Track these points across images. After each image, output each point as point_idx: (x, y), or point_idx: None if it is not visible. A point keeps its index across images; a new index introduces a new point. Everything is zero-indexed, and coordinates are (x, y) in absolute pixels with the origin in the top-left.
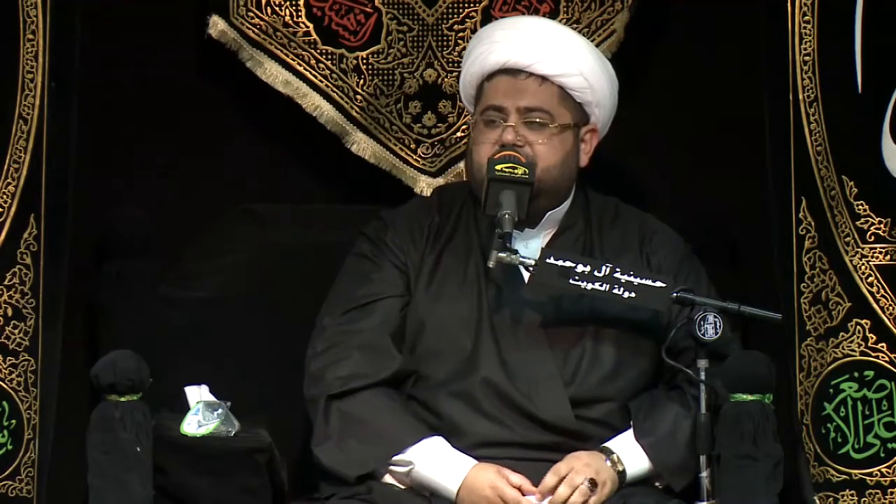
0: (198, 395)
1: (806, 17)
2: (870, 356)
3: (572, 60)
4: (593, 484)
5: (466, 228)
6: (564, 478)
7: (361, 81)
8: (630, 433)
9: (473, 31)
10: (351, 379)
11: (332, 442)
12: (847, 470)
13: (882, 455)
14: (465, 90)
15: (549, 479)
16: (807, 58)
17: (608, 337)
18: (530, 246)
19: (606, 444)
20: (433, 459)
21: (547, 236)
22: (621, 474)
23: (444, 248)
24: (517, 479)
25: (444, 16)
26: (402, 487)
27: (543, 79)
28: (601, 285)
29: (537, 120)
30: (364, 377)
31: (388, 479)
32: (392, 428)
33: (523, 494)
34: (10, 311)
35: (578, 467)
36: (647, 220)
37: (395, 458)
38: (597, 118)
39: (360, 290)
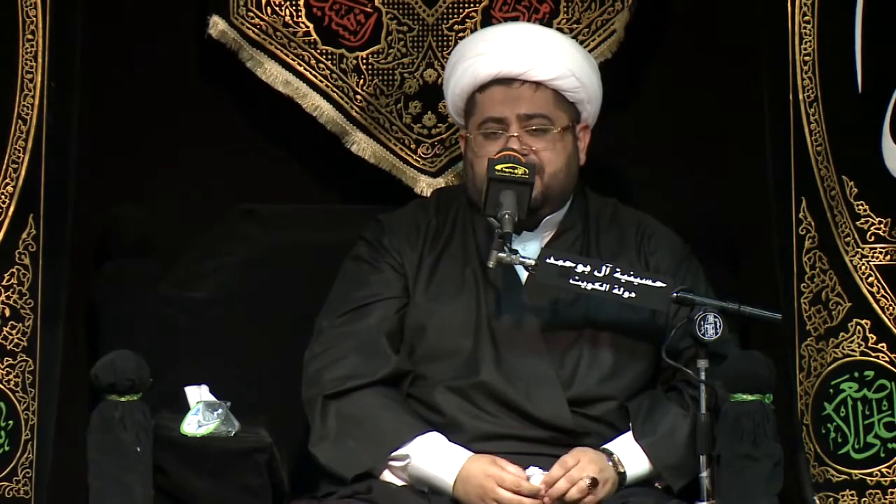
0: (198, 395)
1: (806, 17)
2: (870, 356)
3: (563, 63)
4: (594, 484)
5: (464, 232)
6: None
7: (361, 81)
8: (629, 434)
9: (473, 32)
10: (347, 379)
11: (330, 442)
12: (847, 470)
13: (882, 455)
14: (453, 103)
15: (556, 471)
16: (807, 58)
17: (606, 338)
18: (528, 249)
19: (607, 447)
20: (429, 453)
21: (545, 239)
22: (622, 476)
23: (443, 251)
24: (514, 468)
25: (444, 16)
26: (401, 484)
27: (538, 85)
28: (601, 285)
29: (539, 126)
30: (360, 377)
31: (386, 475)
32: (389, 426)
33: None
34: (7, 312)
35: (584, 463)
36: (646, 220)
37: (392, 453)
38: (588, 114)
39: (358, 292)
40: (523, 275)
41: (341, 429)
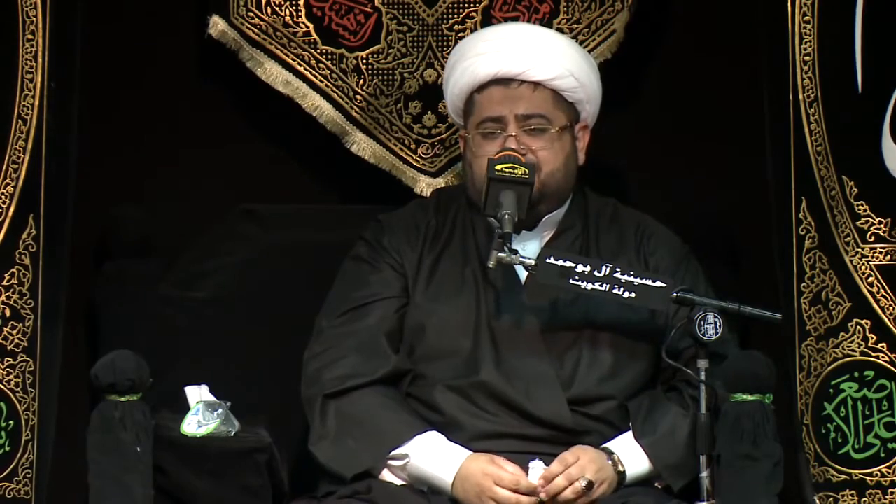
0: (198, 395)
1: (806, 17)
2: (870, 356)
3: (562, 63)
4: (590, 486)
5: (464, 232)
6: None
7: (361, 81)
8: (629, 434)
9: (474, 32)
10: (347, 378)
11: (329, 441)
12: (847, 470)
13: (882, 455)
14: (452, 103)
15: (555, 468)
16: (807, 58)
17: (605, 338)
18: (528, 248)
19: (607, 446)
20: (428, 452)
21: (545, 238)
22: (621, 475)
23: (442, 251)
24: (512, 467)
25: (444, 16)
26: (400, 483)
27: (536, 85)
28: (601, 285)
29: (536, 126)
30: (360, 376)
31: (385, 474)
32: (388, 425)
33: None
34: (7, 312)
35: (583, 462)
36: (645, 220)
37: (391, 452)
38: (587, 114)
39: (357, 291)
40: (523, 275)
41: (341, 428)
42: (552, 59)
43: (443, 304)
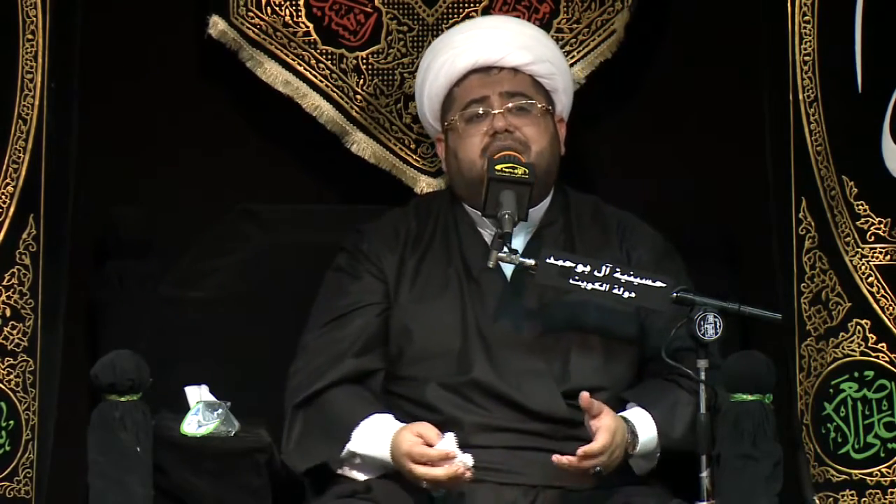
0: (198, 395)
1: (806, 17)
2: (870, 356)
3: (538, 48)
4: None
5: (445, 233)
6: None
7: (361, 81)
8: (644, 413)
9: None
10: (313, 384)
11: (292, 446)
12: (847, 470)
13: (882, 455)
14: (430, 104)
15: (597, 446)
16: (807, 58)
17: (594, 332)
18: (514, 244)
19: (634, 425)
20: (368, 438)
21: (528, 234)
22: (627, 456)
23: (425, 253)
24: (427, 430)
25: (444, 16)
26: (368, 477)
27: (515, 70)
28: (601, 285)
29: (521, 104)
30: (322, 379)
31: (354, 473)
32: (339, 419)
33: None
34: (8, 312)
35: (614, 447)
36: (627, 217)
37: (341, 455)
38: (562, 106)
39: (338, 301)
40: (508, 272)
41: (302, 432)
42: (529, 45)
43: (428, 306)
